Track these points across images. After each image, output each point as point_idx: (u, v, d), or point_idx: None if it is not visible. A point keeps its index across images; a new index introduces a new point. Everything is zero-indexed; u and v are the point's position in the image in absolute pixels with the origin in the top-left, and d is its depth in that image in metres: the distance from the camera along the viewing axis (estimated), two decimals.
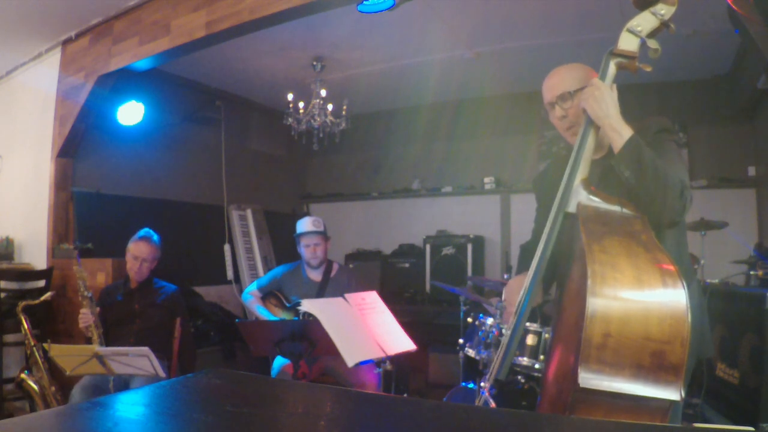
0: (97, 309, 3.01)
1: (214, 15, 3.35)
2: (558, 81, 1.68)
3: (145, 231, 3.29)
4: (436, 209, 6.08)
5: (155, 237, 3.29)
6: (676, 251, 1.49)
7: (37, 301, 3.35)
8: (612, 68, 1.50)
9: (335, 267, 3.52)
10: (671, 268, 1.21)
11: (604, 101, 1.45)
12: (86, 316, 2.93)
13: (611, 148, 1.51)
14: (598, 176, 1.58)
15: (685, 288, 1.18)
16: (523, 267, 1.75)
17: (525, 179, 5.57)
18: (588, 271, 1.20)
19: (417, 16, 3.87)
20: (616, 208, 1.40)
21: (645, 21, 1.45)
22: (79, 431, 0.84)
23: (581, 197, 1.43)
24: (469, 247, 5.43)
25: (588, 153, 1.48)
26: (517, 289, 1.61)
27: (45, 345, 2.59)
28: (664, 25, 1.44)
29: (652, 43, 1.45)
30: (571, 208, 1.43)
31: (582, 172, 1.46)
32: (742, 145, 4.83)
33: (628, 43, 1.47)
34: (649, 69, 1.46)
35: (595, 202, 1.42)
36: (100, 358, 2.50)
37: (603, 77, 1.50)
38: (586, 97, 1.48)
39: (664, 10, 1.43)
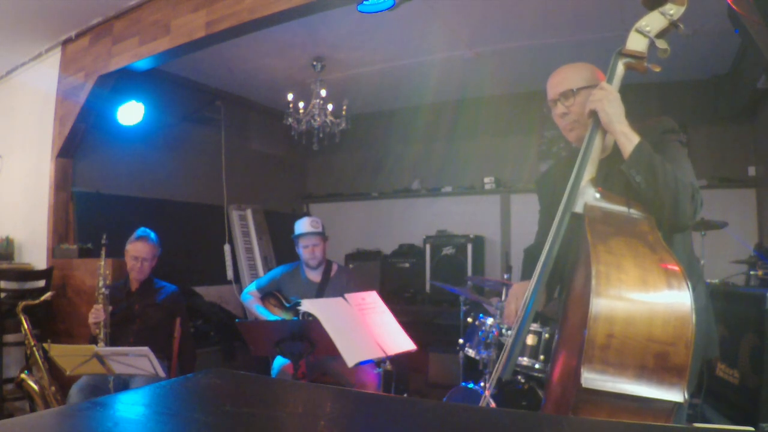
0: (110, 308, 2.99)
1: (214, 15, 3.34)
2: (562, 79, 1.68)
3: (141, 230, 3.29)
4: (436, 209, 6.07)
5: (152, 235, 3.28)
6: (682, 253, 1.49)
7: (37, 301, 3.34)
8: (620, 68, 1.49)
9: (335, 267, 3.51)
10: (677, 269, 1.20)
11: (615, 107, 1.45)
12: (99, 312, 2.92)
13: (615, 149, 1.50)
14: (603, 177, 1.57)
15: (690, 289, 1.17)
16: (528, 272, 1.73)
17: (525, 179, 5.56)
18: (592, 272, 1.20)
19: (417, 16, 3.87)
20: (623, 208, 1.39)
21: (654, 21, 1.45)
22: (79, 431, 0.84)
23: (588, 197, 1.42)
24: (469, 247, 5.43)
25: (595, 153, 1.47)
26: (520, 294, 1.60)
27: (45, 345, 2.59)
28: (673, 25, 1.44)
29: (661, 43, 1.44)
30: (578, 208, 1.42)
31: (589, 172, 1.45)
32: (742, 145, 4.83)
33: (636, 43, 1.46)
34: (658, 69, 1.45)
35: (602, 202, 1.41)
36: (100, 358, 2.50)
37: (611, 77, 1.49)
38: (597, 101, 1.47)
39: (673, 10, 1.42)
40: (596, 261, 1.21)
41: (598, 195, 1.42)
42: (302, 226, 3.45)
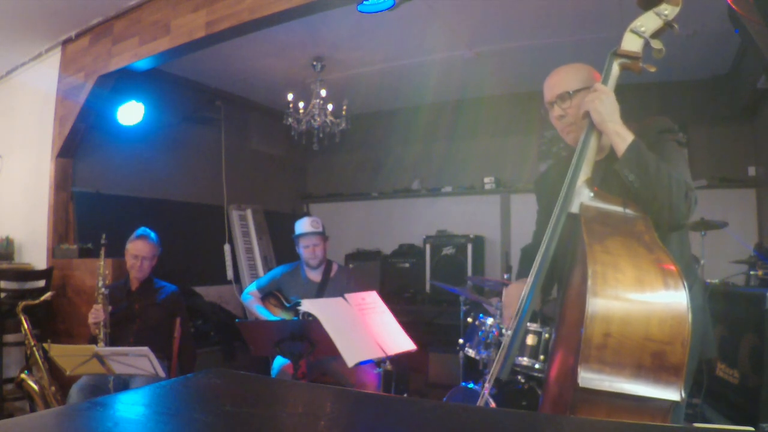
0: (110, 308, 2.99)
1: (214, 15, 3.35)
2: (558, 80, 1.67)
3: (141, 230, 3.29)
4: (436, 209, 6.07)
5: (152, 234, 3.29)
6: (679, 252, 1.49)
7: (37, 301, 3.34)
8: (615, 69, 1.49)
9: (335, 267, 3.51)
10: (673, 268, 1.21)
11: (607, 106, 1.45)
12: (98, 313, 2.92)
13: (612, 150, 1.50)
14: (600, 178, 1.57)
15: (686, 289, 1.17)
16: (524, 271, 1.73)
17: (525, 179, 5.56)
18: (589, 272, 1.20)
19: (417, 16, 3.87)
20: (618, 208, 1.39)
21: (649, 21, 1.45)
22: (79, 431, 0.84)
23: (584, 197, 1.42)
24: (469, 247, 5.43)
25: (591, 154, 1.48)
26: (516, 295, 1.60)
27: (45, 345, 2.59)
28: (668, 25, 1.44)
29: (656, 44, 1.44)
30: (574, 208, 1.43)
31: (585, 173, 1.45)
32: (742, 145, 4.83)
33: (631, 43, 1.47)
34: (653, 69, 1.45)
35: (598, 202, 1.41)
36: (100, 358, 2.50)
37: (606, 78, 1.49)
38: (590, 101, 1.48)
39: (668, 11, 1.43)
40: (593, 261, 1.22)
41: (593, 195, 1.42)
42: (302, 226, 3.46)
